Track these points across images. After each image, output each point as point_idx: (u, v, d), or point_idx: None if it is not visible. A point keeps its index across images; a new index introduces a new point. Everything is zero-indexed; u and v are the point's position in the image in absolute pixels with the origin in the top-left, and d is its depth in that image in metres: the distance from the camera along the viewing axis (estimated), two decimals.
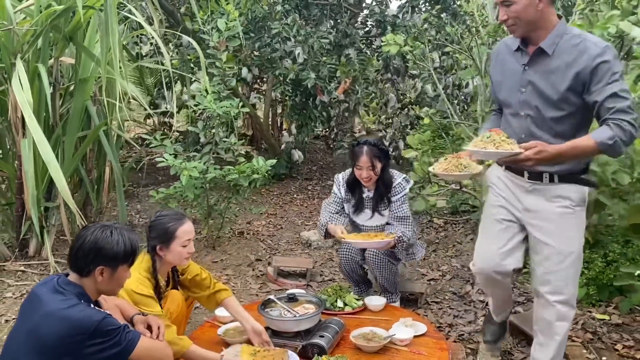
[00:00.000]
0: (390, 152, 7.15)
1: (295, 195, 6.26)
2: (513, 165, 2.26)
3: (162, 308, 2.39)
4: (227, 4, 4.16)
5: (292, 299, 2.75)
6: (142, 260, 2.36)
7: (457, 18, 5.36)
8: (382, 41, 4.76)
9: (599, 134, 2.07)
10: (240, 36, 4.15)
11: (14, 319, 3.34)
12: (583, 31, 2.20)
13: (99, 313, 1.83)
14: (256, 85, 7.94)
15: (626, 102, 2.05)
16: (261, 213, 5.24)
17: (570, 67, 2.10)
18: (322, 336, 2.56)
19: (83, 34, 3.97)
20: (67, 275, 1.94)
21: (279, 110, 8.44)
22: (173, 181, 6.50)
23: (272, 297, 2.78)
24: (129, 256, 1.93)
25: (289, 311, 2.63)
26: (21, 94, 3.21)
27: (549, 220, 2.26)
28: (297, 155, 6.61)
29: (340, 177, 3.37)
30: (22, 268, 4.05)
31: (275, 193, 6.30)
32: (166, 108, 6.76)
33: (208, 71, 4.26)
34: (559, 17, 2.21)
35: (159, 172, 7.01)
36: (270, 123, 7.85)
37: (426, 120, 4.35)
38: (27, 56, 3.60)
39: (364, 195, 3.29)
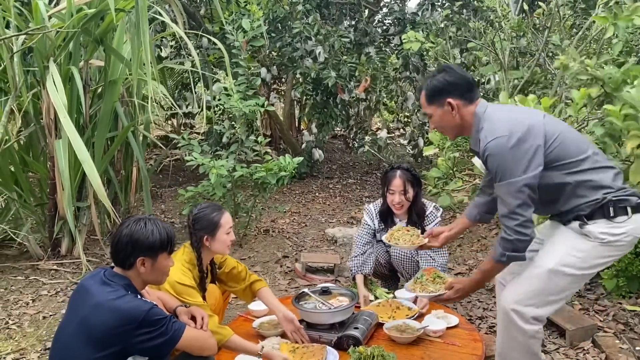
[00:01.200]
0: (411, 150, 7.18)
1: (317, 194, 6.31)
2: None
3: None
4: (251, 4, 4.21)
5: (325, 292, 2.80)
6: (183, 253, 2.43)
7: (478, 14, 5.36)
8: (402, 39, 4.79)
9: (494, 251, 2.14)
10: (264, 36, 4.20)
11: (50, 315, 3.43)
12: (492, 117, 2.12)
13: (147, 303, 1.89)
14: (275, 85, 8.01)
15: (507, 208, 2.03)
16: (285, 211, 5.29)
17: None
18: (356, 328, 2.60)
19: (111, 36, 4.06)
20: (112, 267, 2.01)
21: (298, 110, 8.50)
22: (193, 182, 6.61)
23: (306, 290, 2.82)
24: (166, 244, 1.98)
25: (323, 304, 2.68)
26: (56, 95, 3.29)
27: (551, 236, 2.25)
28: (318, 154, 6.66)
29: (372, 207, 3.33)
30: (55, 267, 4.14)
31: (297, 192, 6.35)
32: (187, 109, 6.85)
33: (233, 71, 4.31)
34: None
35: (179, 174, 7.11)
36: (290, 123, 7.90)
37: None
38: (59, 59, 3.69)
39: (398, 223, 3.22)
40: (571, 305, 3.20)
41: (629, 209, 2.06)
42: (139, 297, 1.95)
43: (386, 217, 3.26)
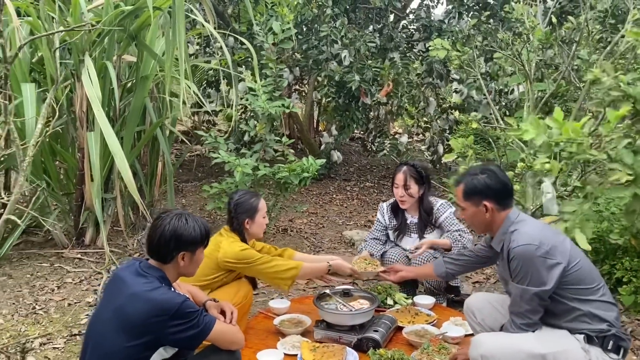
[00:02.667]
0: (430, 157, 7.21)
1: (334, 196, 6.36)
2: None
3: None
4: (281, 7, 4.28)
5: (346, 294, 2.85)
6: (226, 236, 2.74)
7: (505, 24, 5.38)
8: (428, 46, 4.82)
9: None
10: (292, 39, 4.26)
11: (75, 302, 3.52)
12: (524, 224, 2.24)
13: (180, 296, 1.96)
14: (297, 87, 8.08)
15: (518, 308, 2.18)
16: (302, 211, 5.35)
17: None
18: (376, 330, 2.65)
19: (145, 33, 4.14)
20: (147, 260, 2.08)
21: (317, 112, 8.56)
22: (212, 177, 6.70)
23: (327, 291, 2.87)
24: (204, 239, 2.08)
25: (344, 305, 2.73)
26: (91, 89, 3.38)
27: None
28: (337, 156, 6.71)
29: (384, 205, 3.51)
30: (79, 256, 4.24)
31: (314, 193, 6.40)
32: (211, 107, 6.93)
33: (261, 71, 4.38)
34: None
35: (198, 169, 7.20)
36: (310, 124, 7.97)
37: (473, 125, 4.37)
38: (94, 54, 3.78)
39: (409, 221, 3.39)
40: None
41: (621, 351, 2.14)
42: (172, 289, 2.02)
43: (397, 212, 3.42)
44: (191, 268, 2.07)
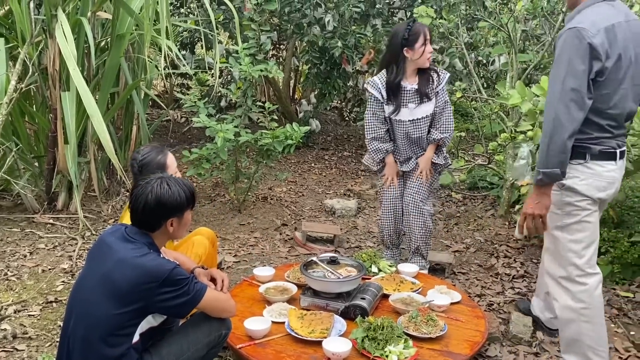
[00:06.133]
0: None
1: (312, 164, 6.30)
2: None
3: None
4: None
5: (333, 261, 2.82)
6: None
7: None
8: (414, 13, 4.74)
9: None
10: (277, 0, 4.11)
11: (50, 269, 3.41)
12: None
13: (170, 263, 1.89)
14: (274, 52, 7.89)
15: None
16: (284, 179, 5.28)
17: None
18: (363, 298, 2.64)
19: None
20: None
21: (295, 79, 8.40)
22: (186, 143, 6.55)
23: (314, 259, 2.84)
24: (191, 201, 2.01)
25: (332, 273, 2.70)
26: (66, 46, 3.20)
27: None
28: (315, 124, 6.62)
29: (377, 79, 3.26)
30: (51, 221, 4.10)
31: (293, 161, 6.33)
32: (185, 69, 6.71)
33: (242, 34, 4.23)
34: None
35: (171, 135, 7.03)
36: (288, 91, 7.83)
37: (458, 95, 4.36)
38: (67, 9, 3.57)
39: (407, 89, 3.20)
40: None
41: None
42: (161, 256, 1.94)
43: (396, 87, 3.19)
44: (180, 231, 2.01)
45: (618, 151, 2.25)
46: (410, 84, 3.21)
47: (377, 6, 5.73)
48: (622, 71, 2.15)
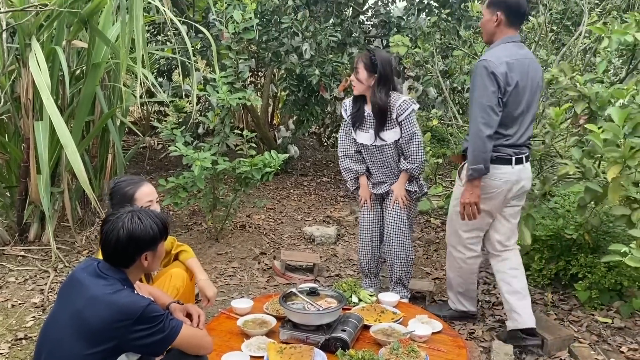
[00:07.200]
0: None
1: (291, 191, 6.27)
2: None
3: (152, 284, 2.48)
4: None
5: (313, 292, 2.77)
6: None
7: (463, 22, 5.44)
8: (390, 42, 4.81)
9: None
10: (255, 29, 4.13)
11: (20, 304, 3.30)
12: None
13: (144, 299, 1.83)
14: (252, 79, 7.91)
15: None
16: (262, 207, 5.24)
17: None
18: (343, 330, 2.59)
19: (97, 17, 3.91)
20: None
21: (272, 106, 8.42)
22: (162, 171, 6.48)
23: (293, 290, 2.79)
24: (164, 232, 1.96)
25: (312, 305, 2.66)
26: (39, 75, 3.15)
27: None
28: (294, 150, 6.62)
29: (347, 101, 3.39)
30: (22, 253, 3.98)
31: (271, 187, 6.29)
32: (164, 96, 6.68)
33: (220, 62, 4.24)
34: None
35: (147, 162, 6.94)
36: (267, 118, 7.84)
37: (434, 122, 4.40)
38: (42, 38, 3.53)
39: (366, 114, 3.27)
40: (546, 314, 3.29)
41: None
42: (135, 292, 1.89)
43: (356, 111, 3.30)
44: (155, 264, 1.97)
45: (514, 158, 2.84)
46: (369, 109, 3.26)
47: (353, 35, 5.82)
48: (520, 96, 2.77)
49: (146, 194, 2.46)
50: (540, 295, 3.58)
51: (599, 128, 2.72)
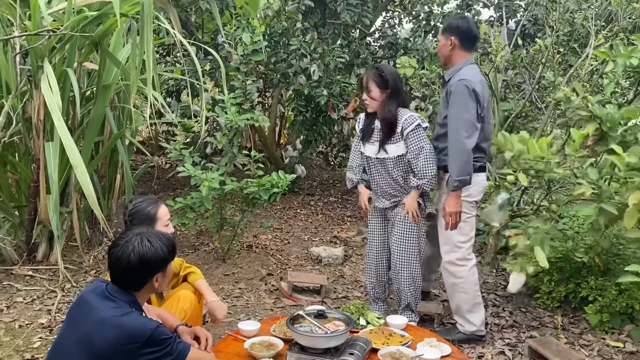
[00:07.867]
0: None
1: (298, 210, 6.27)
2: None
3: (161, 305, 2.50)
4: (252, 19, 4.20)
5: (321, 315, 2.75)
6: None
7: None
8: (397, 63, 4.85)
9: None
10: (264, 51, 4.18)
11: (27, 324, 3.29)
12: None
13: (152, 322, 1.83)
14: (259, 99, 7.97)
15: None
16: (269, 227, 5.24)
17: None
18: (351, 353, 2.56)
19: (108, 40, 3.97)
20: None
21: (279, 125, 8.47)
22: (170, 190, 6.50)
23: (301, 312, 2.77)
24: (173, 253, 1.98)
25: (320, 328, 2.64)
26: (51, 97, 3.19)
27: None
28: (301, 170, 6.64)
29: (362, 115, 3.45)
30: (30, 272, 3.99)
31: (278, 207, 6.29)
32: (172, 117, 6.74)
33: (229, 83, 4.28)
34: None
35: (155, 181, 6.98)
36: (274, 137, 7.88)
37: None
38: (54, 60, 3.58)
39: (374, 127, 3.29)
40: (557, 338, 3.25)
41: None
42: (143, 314, 1.89)
43: (368, 124, 3.35)
44: (164, 285, 1.98)
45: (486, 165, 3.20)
46: (379, 123, 3.28)
47: (361, 56, 5.86)
48: (489, 111, 3.12)
49: (165, 212, 2.55)
50: (550, 318, 3.54)
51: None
